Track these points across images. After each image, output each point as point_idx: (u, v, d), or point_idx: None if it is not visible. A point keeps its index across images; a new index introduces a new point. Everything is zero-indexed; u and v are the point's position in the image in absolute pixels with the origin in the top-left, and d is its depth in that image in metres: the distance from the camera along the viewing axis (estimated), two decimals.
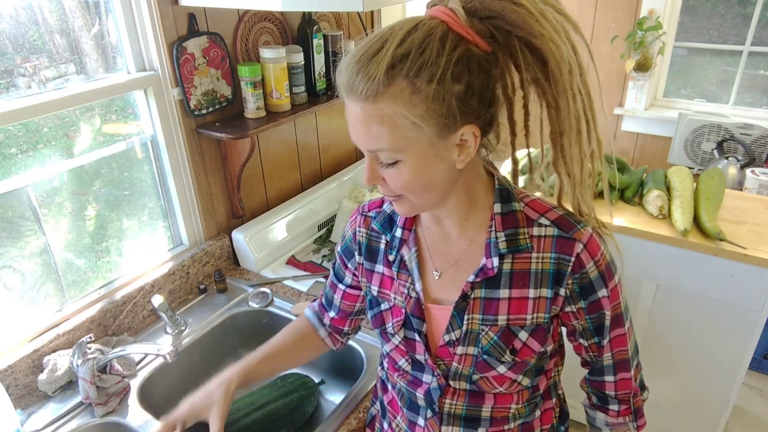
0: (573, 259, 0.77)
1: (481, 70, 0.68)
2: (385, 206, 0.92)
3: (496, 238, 0.78)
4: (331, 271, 1.03)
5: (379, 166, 0.72)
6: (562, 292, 0.79)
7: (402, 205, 0.78)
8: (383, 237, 0.90)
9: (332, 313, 1.04)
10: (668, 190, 1.90)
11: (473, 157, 0.74)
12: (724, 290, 1.70)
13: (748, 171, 2.30)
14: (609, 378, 0.88)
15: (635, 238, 1.79)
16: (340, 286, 1.01)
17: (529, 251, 0.78)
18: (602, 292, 0.79)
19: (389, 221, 0.89)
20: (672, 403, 1.98)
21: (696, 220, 1.76)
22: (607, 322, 0.82)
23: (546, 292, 0.78)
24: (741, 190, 2.30)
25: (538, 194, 0.86)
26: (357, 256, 0.94)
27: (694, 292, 1.76)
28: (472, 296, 0.80)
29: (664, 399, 1.99)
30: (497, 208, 0.80)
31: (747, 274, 1.63)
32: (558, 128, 0.73)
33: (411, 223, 0.87)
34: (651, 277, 1.82)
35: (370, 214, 0.92)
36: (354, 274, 0.97)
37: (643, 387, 0.92)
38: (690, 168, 2.30)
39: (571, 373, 1.03)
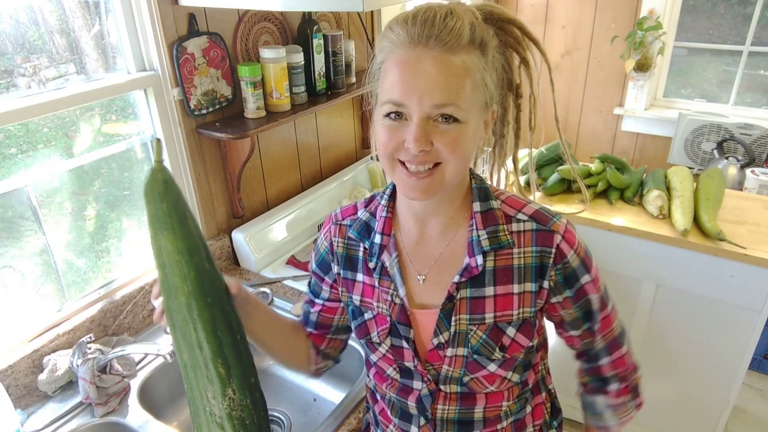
0: (554, 250, 0.78)
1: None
2: (359, 213, 0.89)
3: (478, 236, 0.79)
4: (307, 290, 0.99)
5: (431, 127, 0.70)
6: (546, 284, 0.80)
7: (432, 182, 0.73)
8: (361, 245, 0.87)
9: (309, 329, 1.00)
10: (668, 190, 1.90)
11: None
12: (724, 290, 1.70)
13: (748, 171, 2.30)
14: (605, 360, 0.90)
15: (635, 238, 1.79)
16: (318, 301, 0.97)
17: (511, 247, 0.79)
18: (585, 278, 0.81)
19: (366, 228, 0.87)
20: (672, 403, 1.98)
21: (696, 220, 1.76)
22: (595, 306, 0.84)
23: (530, 286, 0.80)
24: (741, 190, 2.30)
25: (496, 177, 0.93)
26: (335, 267, 0.91)
27: (694, 292, 1.76)
28: (458, 297, 0.80)
29: (664, 399, 1.99)
30: (476, 206, 0.81)
31: (747, 274, 1.63)
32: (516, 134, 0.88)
33: (390, 228, 0.85)
34: (651, 277, 1.82)
35: (345, 222, 0.90)
36: (332, 287, 0.93)
37: (636, 365, 0.94)
38: (690, 168, 2.30)
39: (562, 370, 1.03)
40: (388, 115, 0.72)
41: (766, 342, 2.40)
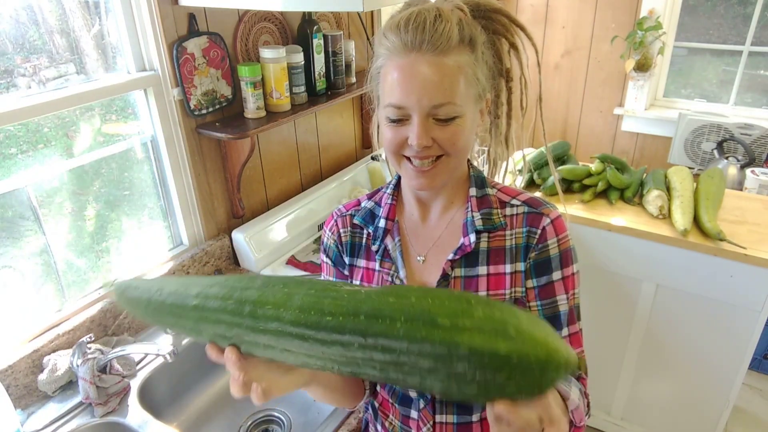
0: (539, 231, 0.81)
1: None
2: (363, 203, 0.94)
3: (473, 217, 0.84)
4: None
5: (431, 124, 0.75)
6: (523, 266, 0.82)
7: (436, 175, 0.79)
8: (365, 230, 0.92)
9: None
10: (668, 190, 1.90)
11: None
12: (724, 290, 1.70)
13: (748, 171, 2.30)
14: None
15: (635, 238, 1.79)
16: None
17: (504, 228, 0.83)
18: (556, 275, 0.82)
19: (371, 215, 0.92)
20: (672, 403, 1.98)
21: (696, 220, 1.76)
22: (563, 311, 0.82)
23: (521, 266, 0.82)
24: (741, 190, 2.30)
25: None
26: (346, 258, 0.94)
27: (694, 292, 1.76)
28: (453, 275, 0.84)
29: (664, 399, 1.99)
30: (473, 191, 0.86)
31: (747, 274, 1.63)
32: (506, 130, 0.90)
33: (393, 213, 0.90)
34: (651, 277, 1.82)
35: (350, 212, 0.94)
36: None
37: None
38: (690, 168, 2.30)
39: None
40: (390, 117, 0.77)
41: (766, 342, 2.40)
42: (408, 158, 0.79)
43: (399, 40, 0.73)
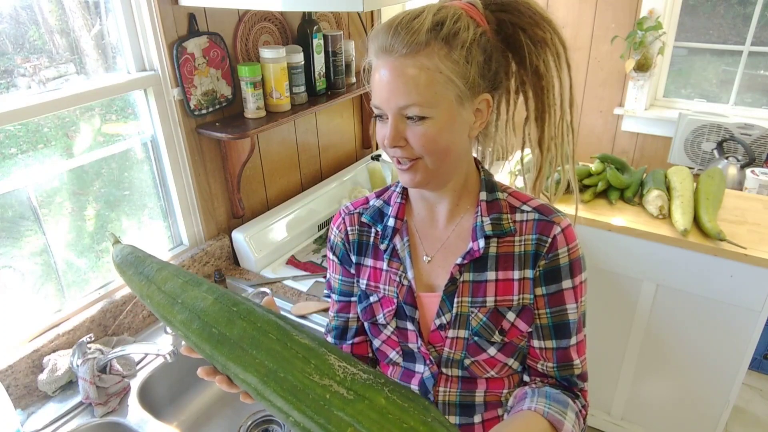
0: (550, 239, 0.81)
1: (495, 49, 0.78)
2: (372, 202, 0.93)
3: (482, 222, 0.83)
4: (336, 298, 0.98)
5: (405, 125, 0.75)
6: (532, 273, 0.82)
7: (415, 173, 0.78)
8: (373, 229, 0.91)
9: (349, 341, 0.97)
10: (668, 190, 1.90)
11: (468, 148, 0.82)
12: (724, 290, 1.70)
13: (748, 171, 2.30)
14: (579, 385, 0.86)
15: (635, 238, 1.79)
16: (354, 300, 0.96)
17: (513, 234, 0.82)
18: (567, 283, 0.81)
19: (379, 213, 0.91)
20: (672, 403, 1.98)
21: (696, 220, 1.76)
22: (572, 320, 0.83)
23: (529, 273, 0.82)
24: (741, 190, 2.29)
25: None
26: (353, 257, 0.94)
27: (694, 292, 1.76)
28: (461, 280, 0.83)
29: (664, 399, 1.99)
30: (483, 195, 0.85)
31: (747, 274, 1.63)
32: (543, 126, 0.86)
33: (403, 213, 0.90)
34: (651, 277, 1.82)
35: (358, 210, 0.94)
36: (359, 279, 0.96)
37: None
38: (690, 168, 2.30)
39: None
40: (375, 114, 0.79)
41: (766, 342, 2.40)
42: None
43: (376, 44, 0.75)
